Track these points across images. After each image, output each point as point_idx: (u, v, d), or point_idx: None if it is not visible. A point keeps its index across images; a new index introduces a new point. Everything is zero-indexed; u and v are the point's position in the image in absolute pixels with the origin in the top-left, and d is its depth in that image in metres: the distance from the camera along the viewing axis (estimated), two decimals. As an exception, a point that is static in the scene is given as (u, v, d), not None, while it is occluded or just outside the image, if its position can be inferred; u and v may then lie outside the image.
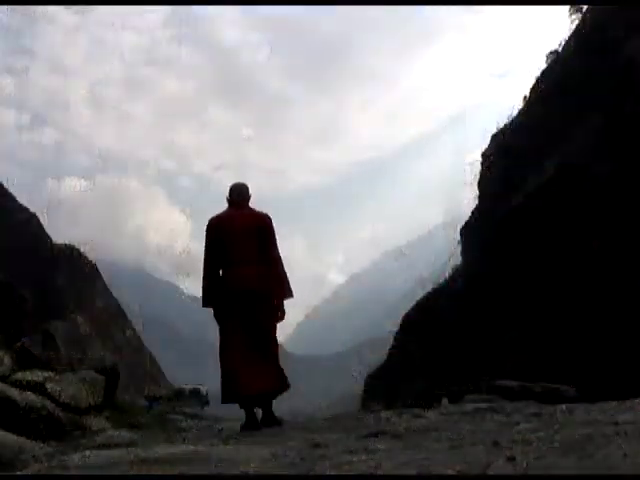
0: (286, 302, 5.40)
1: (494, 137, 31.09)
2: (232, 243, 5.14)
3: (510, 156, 26.30)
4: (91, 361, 7.77)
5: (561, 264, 18.44)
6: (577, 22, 27.11)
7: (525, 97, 30.18)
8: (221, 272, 5.26)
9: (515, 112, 30.53)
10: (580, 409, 4.71)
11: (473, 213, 31.29)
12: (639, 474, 2.11)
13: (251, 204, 5.58)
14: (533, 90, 29.18)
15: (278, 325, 5.37)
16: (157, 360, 59.97)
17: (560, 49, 28.28)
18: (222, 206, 5.53)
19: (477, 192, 31.78)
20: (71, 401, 6.11)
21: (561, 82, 23.89)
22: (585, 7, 26.72)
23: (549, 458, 2.54)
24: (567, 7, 28.69)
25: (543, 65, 29.45)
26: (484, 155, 31.77)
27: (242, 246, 5.13)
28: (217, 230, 5.24)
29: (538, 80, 28.94)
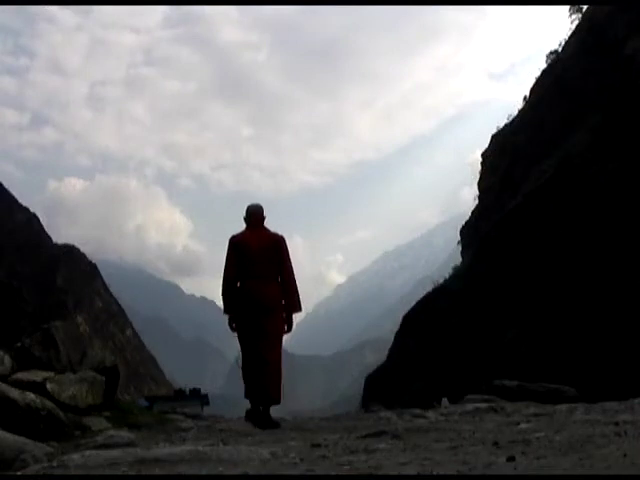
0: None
1: (494, 137, 31.12)
2: (250, 260, 5.71)
3: (510, 156, 26.31)
4: (91, 361, 7.75)
5: (561, 264, 18.43)
6: (577, 22, 27.13)
7: (525, 97, 30.21)
8: (239, 284, 5.82)
9: (515, 112, 30.59)
10: (580, 409, 4.71)
11: (473, 213, 31.33)
12: (639, 474, 2.10)
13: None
14: (533, 90, 29.20)
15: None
16: (157, 360, 59.96)
17: (560, 49, 28.30)
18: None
19: (477, 192, 31.83)
20: (71, 401, 6.10)
21: (561, 82, 23.91)
22: (585, 7, 26.73)
23: (549, 458, 2.54)
24: (567, 7, 28.73)
25: (543, 65, 29.49)
26: (484, 155, 31.80)
27: (259, 263, 5.70)
28: (238, 247, 5.79)
29: (538, 80, 28.96)
